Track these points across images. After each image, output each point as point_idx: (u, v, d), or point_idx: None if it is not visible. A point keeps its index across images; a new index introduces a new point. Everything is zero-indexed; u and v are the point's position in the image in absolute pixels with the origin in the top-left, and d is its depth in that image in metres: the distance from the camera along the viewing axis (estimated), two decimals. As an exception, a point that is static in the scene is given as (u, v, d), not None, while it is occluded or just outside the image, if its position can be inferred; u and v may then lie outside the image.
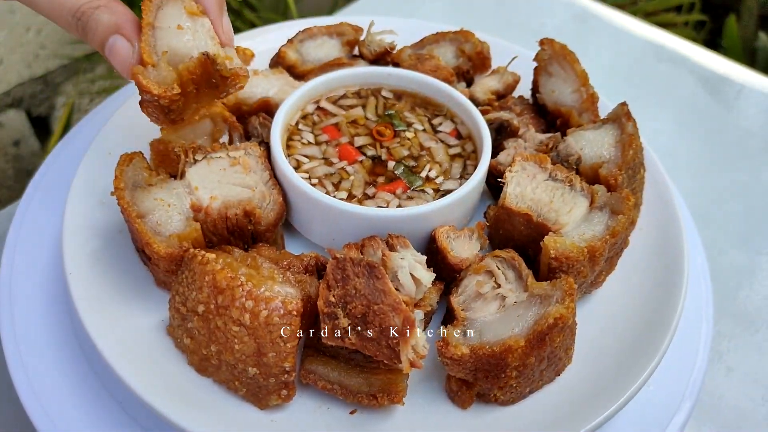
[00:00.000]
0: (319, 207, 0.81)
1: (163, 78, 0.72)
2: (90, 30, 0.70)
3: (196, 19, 0.75)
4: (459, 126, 0.96)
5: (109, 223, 0.84)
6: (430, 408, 0.75)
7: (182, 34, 0.74)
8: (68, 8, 0.69)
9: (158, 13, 0.74)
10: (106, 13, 0.70)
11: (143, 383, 0.70)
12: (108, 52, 0.72)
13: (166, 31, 0.74)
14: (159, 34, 0.73)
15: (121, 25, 0.71)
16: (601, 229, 0.80)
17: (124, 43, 0.71)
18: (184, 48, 0.74)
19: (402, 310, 0.68)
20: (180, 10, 0.75)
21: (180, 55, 0.74)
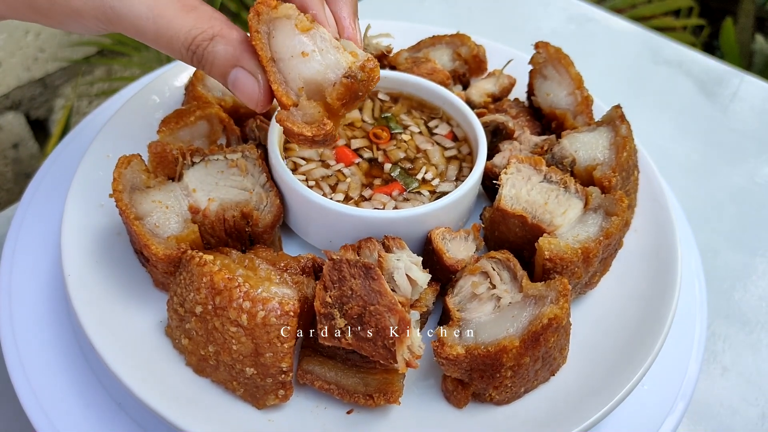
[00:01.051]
0: (315, 209, 0.82)
1: (310, 116, 0.67)
2: (207, 63, 0.67)
3: (314, 33, 0.67)
4: (455, 128, 0.97)
5: (108, 225, 0.85)
6: (426, 408, 0.76)
7: (309, 60, 0.67)
8: (181, 41, 0.65)
9: (272, 42, 0.67)
10: (221, 44, 0.66)
11: (141, 383, 0.71)
12: (231, 86, 0.68)
13: (291, 63, 0.67)
14: (285, 68, 0.67)
15: (239, 57, 0.66)
16: (596, 231, 0.80)
17: (246, 77, 0.67)
18: (318, 74, 0.67)
19: (398, 311, 0.68)
20: (292, 31, 0.67)
21: (315, 83, 0.67)
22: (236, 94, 0.69)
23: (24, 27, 1.80)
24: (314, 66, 0.67)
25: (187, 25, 0.65)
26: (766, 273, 1.16)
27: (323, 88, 0.67)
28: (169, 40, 0.65)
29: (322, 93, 0.68)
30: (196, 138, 0.89)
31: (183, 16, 0.65)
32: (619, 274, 0.88)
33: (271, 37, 0.67)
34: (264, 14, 0.66)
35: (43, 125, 2.03)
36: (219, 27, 0.66)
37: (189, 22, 0.65)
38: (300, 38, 0.67)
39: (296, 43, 0.67)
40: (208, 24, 0.66)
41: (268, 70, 0.66)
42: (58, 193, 0.93)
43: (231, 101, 0.95)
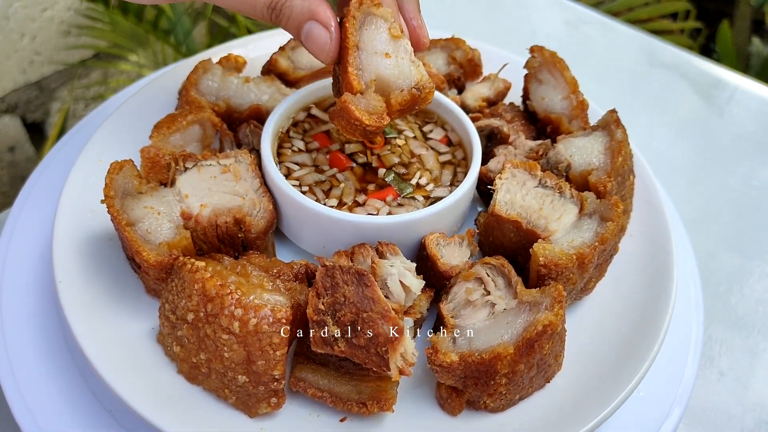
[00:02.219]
0: (309, 214, 0.81)
1: (373, 107, 0.73)
2: (284, 17, 0.73)
3: (399, 42, 0.75)
4: (449, 133, 0.96)
5: (100, 231, 0.84)
6: (420, 415, 0.75)
7: (389, 62, 0.75)
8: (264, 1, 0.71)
9: (362, 32, 0.74)
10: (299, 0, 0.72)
11: (133, 391, 0.70)
12: (304, 39, 0.74)
13: (372, 57, 0.74)
14: (365, 59, 0.74)
15: (315, 11, 0.73)
16: (591, 236, 0.80)
17: (320, 29, 0.73)
18: (392, 76, 0.75)
19: (391, 318, 0.68)
20: (385, 32, 0.75)
21: (386, 83, 0.75)
22: (308, 45, 0.74)
23: (20, 30, 1.80)
24: (391, 69, 0.75)
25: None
26: (763, 276, 1.15)
27: (390, 90, 0.75)
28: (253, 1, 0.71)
29: (386, 93, 0.75)
30: (189, 143, 0.89)
31: None
32: (615, 279, 0.88)
33: (364, 28, 0.74)
34: (365, 5, 0.74)
35: (40, 128, 2.03)
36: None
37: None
38: (389, 41, 0.75)
39: (383, 44, 0.75)
40: None
41: (351, 54, 0.73)
42: (50, 198, 0.93)
43: (224, 105, 0.95)
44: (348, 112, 0.73)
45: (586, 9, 1.75)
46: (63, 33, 1.90)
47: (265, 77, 1.01)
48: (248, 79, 0.98)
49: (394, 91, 0.75)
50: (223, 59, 1.02)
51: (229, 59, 1.02)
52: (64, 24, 1.89)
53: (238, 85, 0.97)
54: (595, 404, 0.74)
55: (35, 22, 1.82)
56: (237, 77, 0.98)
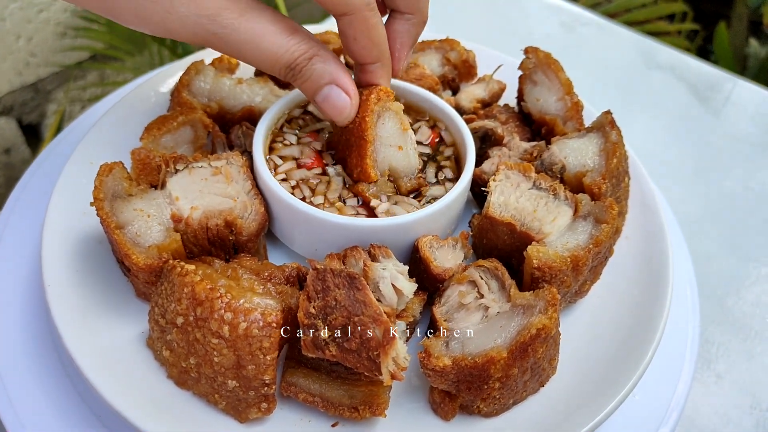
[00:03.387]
0: (300, 217, 0.81)
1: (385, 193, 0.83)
2: (303, 77, 0.74)
3: (407, 134, 0.83)
4: (443, 134, 0.96)
5: (90, 234, 0.83)
6: (413, 420, 0.74)
7: (400, 154, 0.83)
8: (284, 61, 0.72)
9: (379, 126, 0.81)
10: (320, 63, 0.73)
11: (121, 397, 0.69)
12: (321, 100, 0.76)
13: (386, 149, 0.82)
14: (380, 151, 0.82)
15: (337, 76, 0.75)
16: (585, 239, 0.79)
17: (340, 94, 0.76)
18: (401, 166, 0.84)
19: (383, 322, 0.67)
20: (397, 125, 0.82)
21: (396, 172, 0.84)
22: (325, 107, 0.77)
23: (15, 31, 1.79)
24: (401, 160, 0.83)
25: (291, 47, 0.71)
26: (760, 279, 1.15)
27: (398, 176, 0.85)
28: (272, 61, 0.71)
29: (395, 179, 0.85)
30: (180, 144, 0.88)
31: (286, 39, 0.71)
32: (610, 282, 0.87)
33: (380, 122, 0.81)
34: (383, 100, 0.80)
35: (35, 130, 2.02)
36: (318, 48, 0.73)
37: (292, 44, 0.71)
38: (400, 134, 0.83)
39: (396, 137, 0.82)
40: (308, 45, 0.72)
41: (369, 146, 0.80)
42: (41, 200, 0.92)
43: (217, 107, 0.94)
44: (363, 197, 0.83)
45: (582, 10, 1.75)
46: (59, 35, 1.90)
47: (258, 78, 1.00)
48: (241, 80, 0.97)
49: (402, 178, 0.85)
50: (216, 60, 1.01)
51: (222, 60, 1.02)
52: (60, 25, 1.88)
53: (231, 86, 0.96)
54: (590, 408, 0.73)
55: (31, 23, 1.82)
56: (230, 78, 0.97)
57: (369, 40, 0.74)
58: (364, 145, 0.79)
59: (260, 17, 0.69)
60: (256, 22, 0.68)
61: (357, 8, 0.71)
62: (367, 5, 0.72)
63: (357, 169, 0.82)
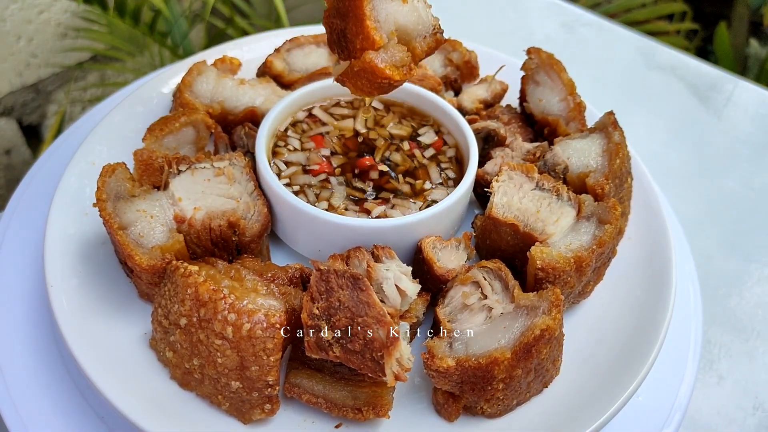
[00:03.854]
0: (304, 217, 0.81)
1: (399, 59, 0.68)
2: None
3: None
4: (445, 135, 0.96)
5: (92, 235, 0.83)
6: (417, 421, 0.74)
7: (406, 8, 0.68)
8: None
9: None
10: None
11: (124, 397, 0.69)
12: None
13: (388, 5, 0.67)
14: (381, 8, 0.67)
15: None
16: (588, 239, 0.79)
17: None
18: (410, 23, 0.69)
19: (386, 323, 0.67)
20: None
21: (406, 31, 0.69)
22: None
23: (16, 32, 1.79)
24: (408, 15, 0.68)
25: None
26: (762, 279, 1.15)
27: (410, 38, 0.69)
28: None
29: (407, 42, 0.69)
30: (182, 145, 0.88)
31: None
32: (613, 282, 0.87)
33: None
34: None
35: (36, 131, 2.02)
36: None
37: None
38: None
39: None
40: None
41: (365, 3, 0.65)
42: (43, 201, 0.92)
43: (219, 108, 0.94)
44: (375, 71, 0.67)
45: (583, 11, 1.75)
46: (60, 35, 1.90)
47: (260, 79, 1.00)
48: (243, 81, 0.97)
49: (415, 38, 0.69)
50: (218, 61, 1.01)
51: (224, 61, 1.02)
52: (60, 26, 1.88)
53: (233, 87, 0.96)
54: (594, 409, 0.73)
55: (32, 24, 1.82)
56: (232, 79, 0.97)
57: None
58: (360, 4, 0.65)
59: None
60: None
61: None
62: None
63: (359, 37, 0.67)
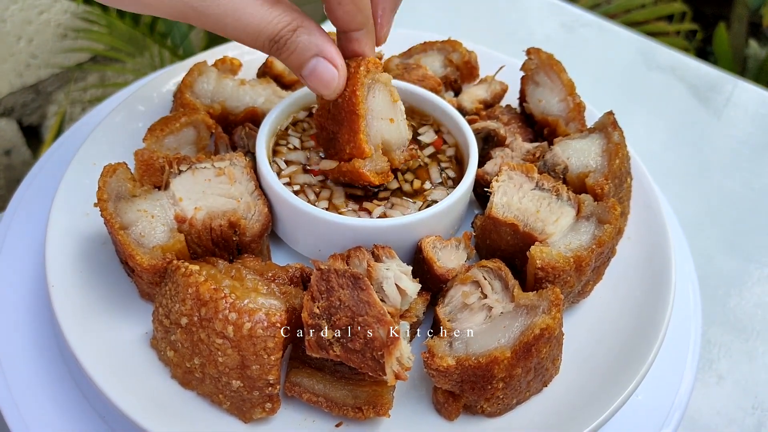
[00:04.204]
0: (304, 217, 0.81)
1: (380, 168, 0.81)
2: (287, 50, 0.70)
3: (397, 105, 0.81)
4: (445, 135, 0.96)
5: (93, 235, 0.83)
6: (417, 420, 0.74)
7: (392, 126, 0.81)
8: (266, 33, 0.68)
9: (370, 99, 0.78)
10: (305, 34, 0.70)
11: (125, 397, 0.69)
12: (308, 73, 0.72)
13: (378, 122, 0.79)
14: (373, 124, 0.79)
15: (323, 48, 0.71)
16: (588, 239, 0.79)
17: (327, 66, 0.72)
18: (393, 138, 0.82)
19: (387, 322, 0.67)
20: (387, 98, 0.80)
21: (388, 144, 0.82)
22: (311, 80, 0.73)
23: (16, 33, 1.79)
24: (393, 132, 0.81)
25: (273, 18, 0.68)
26: (762, 279, 1.15)
27: (390, 149, 0.82)
28: (255, 33, 0.69)
29: (388, 153, 0.82)
30: (183, 145, 0.88)
31: (268, 10, 0.68)
32: (613, 282, 0.87)
33: (370, 95, 0.77)
34: (372, 72, 0.76)
35: (36, 132, 2.02)
36: (301, 19, 0.69)
37: (274, 15, 0.68)
38: (390, 106, 0.80)
39: (387, 110, 0.80)
40: (291, 16, 0.69)
41: (361, 120, 0.76)
42: (44, 201, 0.92)
43: (220, 108, 0.94)
44: (362, 176, 0.79)
45: (583, 11, 1.75)
46: (60, 36, 1.90)
47: (260, 80, 1.00)
48: (244, 81, 0.98)
49: (394, 150, 0.83)
50: (219, 61, 1.02)
51: (225, 61, 1.02)
52: (60, 27, 1.89)
53: (234, 87, 0.96)
54: (593, 408, 0.73)
55: (32, 25, 1.82)
56: (232, 79, 0.97)
57: (355, 5, 0.70)
58: (356, 120, 0.76)
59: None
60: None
61: None
62: None
63: (350, 144, 0.78)
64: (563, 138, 0.91)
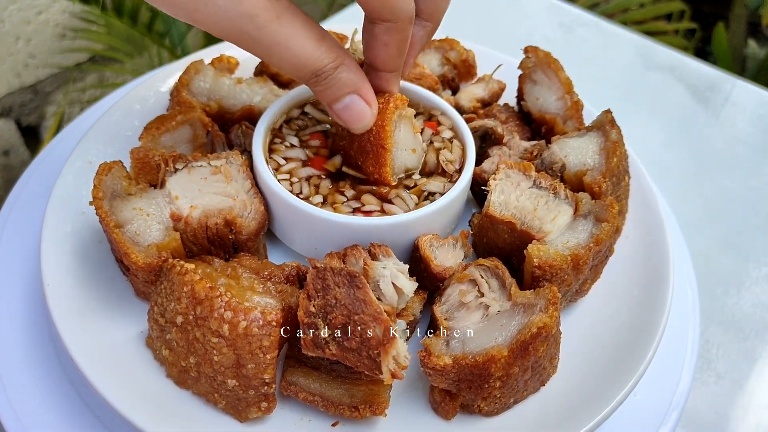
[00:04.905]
0: (300, 216, 0.81)
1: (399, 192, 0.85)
2: (326, 85, 0.73)
3: (417, 136, 0.86)
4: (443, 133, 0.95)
5: (89, 233, 0.83)
6: (414, 419, 0.74)
7: (414, 156, 0.85)
8: (311, 68, 0.71)
9: (396, 133, 0.82)
10: (345, 72, 0.73)
11: (120, 396, 0.69)
12: (341, 108, 0.76)
13: (401, 153, 0.84)
14: (397, 156, 0.83)
15: (360, 86, 0.75)
16: (585, 237, 0.79)
17: (362, 104, 0.75)
18: (412, 166, 0.87)
19: (383, 320, 0.67)
20: (410, 130, 0.84)
21: (410, 170, 0.87)
22: (344, 115, 0.77)
23: (15, 33, 1.79)
24: (414, 161, 0.86)
25: (321, 54, 0.71)
26: (760, 279, 1.15)
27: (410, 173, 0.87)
28: (301, 66, 0.71)
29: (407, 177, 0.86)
30: (179, 143, 0.88)
31: (316, 45, 0.70)
32: (610, 281, 0.87)
33: (396, 129, 0.82)
34: (400, 109, 0.80)
35: (34, 132, 2.02)
36: (344, 57, 0.73)
37: (322, 51, 0.71)
38: (413, 138, 0.85)
39: (410, 141, 0.85)
40: (335, 53, 0.72)
41: (389, 154, 0.81)
42: (40, 200, 0.92)
43: (216, 106, 0.94)
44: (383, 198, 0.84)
45: (581, 11, 1.75)
46: (58, 36, 1.90)
47: (257, 78, 1.00)
48: (240, 79, 0.97)
49: (413, 173, 0.87)
50: (216, 60, 1.01)
51: (222, 60, 1.02)
52: (59, 27, 1.88)
53: (231, 85, 0.96)
54: (591, 407, 0.73)
55: (30, 25, 1.82)
56: (229, 78, 0.97)
57: (399, 50, 0.75)
58: (384, 153, 0.80)
59: (294, 21, 0.68)
60: (289, 27, 0.68)
61: (401, 19, 0.71)
62: (410, 19, 0.72)
63: (375, 175, 0.83)
64: (561, 136, 0.91)
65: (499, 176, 0.84)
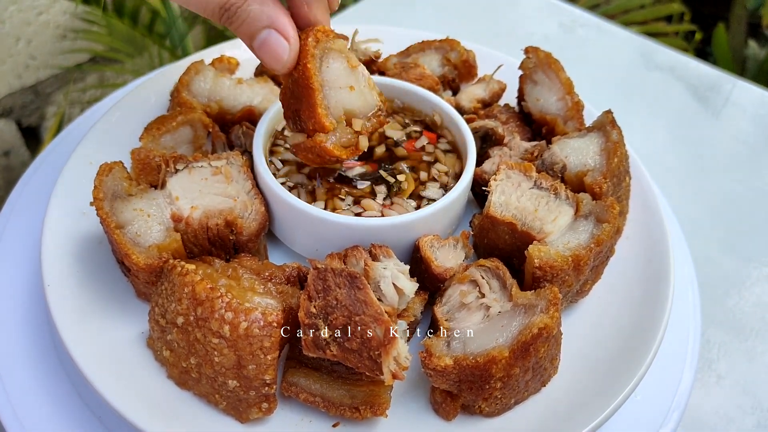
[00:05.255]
0: (301, 217, 0.80)
1: (346, 140, 0.76)
2: (238, 19, 0.68)
3: (357, 71, 0.77)
4: (445, 132, 0.95)
5: (90, 234, 0.83)
6: (414, 420, 0.74)
7: (353, 94, 0.76)
8: (217, 2, 0.66)
9: (323, 70, 0.74)
10: (256, 4, 0.67)
11: (121, 397, 0.69)
12: (258, 45, 0.69)
13: (337, 92, 0.75)
14: (331, 96, 0.75)
15: (275, 19, 0.68)
16: (586, 238, 0.79)
17: (278, 38, 0.69)
18: (357, 107, 0.77)
19: (384, 321, 0.67)
20: (344, 65, 0.76)
21: (353, 113, 0.77)
22: (261, 53, 0.70)
23: (15, 34, 1.79)
24: (356, 100, 0.76)
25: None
26: (761, 279, 1.15)
27: (356, 118, 0.77)
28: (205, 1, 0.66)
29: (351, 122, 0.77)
30: (180, 144, 0.88)
31: None
32: (611, 282, 0.87)
33: (324, 65, 0.74)
34: (322, 42, 0.73)
35: (35, 133, 2.02)
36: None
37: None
38: (349, 73, 0.75)
39: (345, 77, 0.75)
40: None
41: (317, 94, 0.72)
42: (40, 200, 0.92)
43: (217, 107, 0.94)
44: (325, 152, 0.74)
45: (582, 11, 1.75)
46: (59, 37, 1.90)
47: (257, 78, 1.00)
48: (241, 80, 0.97)
49: (361, 119, 0.78)
50: (216, 60, 1.02)
51: (222, 60, 1.02)
52: (59, 28, 1.88)
53: (231, 86, 0.96)
54: (592, 408, 0.73)
55: (31, 26, 1.82)
56: (229, 78, 0.97)
57: None
58: (312, 93, 0.72)
59: None
60: None
61: None
62: None
63: (311, 120, 0.74)
64: (561, 137, 0.91)
65: (499, 177, 0.84)
